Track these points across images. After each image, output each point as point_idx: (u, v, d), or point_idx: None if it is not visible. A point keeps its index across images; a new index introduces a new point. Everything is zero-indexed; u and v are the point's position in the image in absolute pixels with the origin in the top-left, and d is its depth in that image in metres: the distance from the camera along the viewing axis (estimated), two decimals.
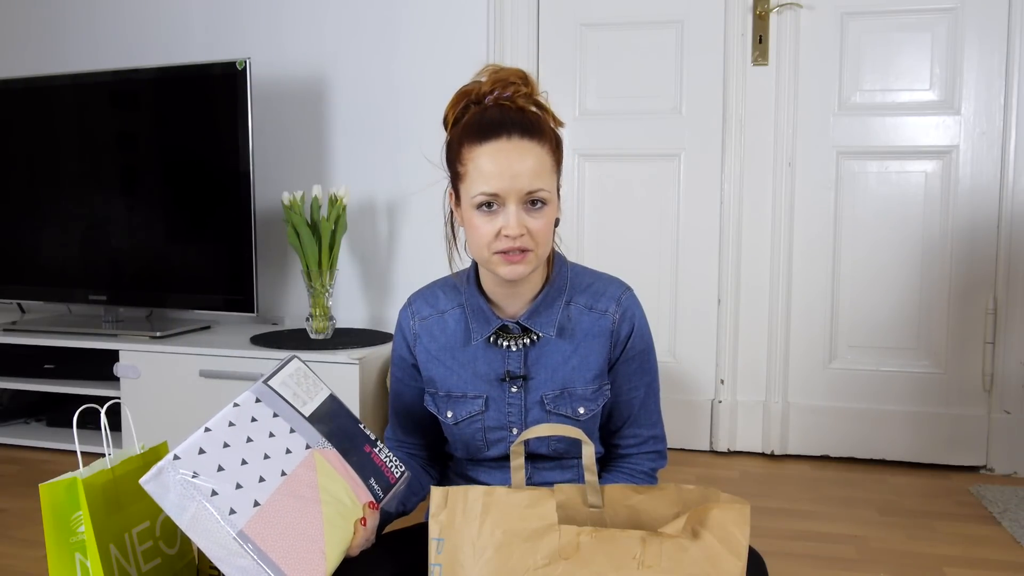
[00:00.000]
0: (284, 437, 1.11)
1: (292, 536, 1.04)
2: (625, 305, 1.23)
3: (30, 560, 1.77)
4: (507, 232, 1.11)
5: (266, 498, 1.04)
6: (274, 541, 1.02)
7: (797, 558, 1.77)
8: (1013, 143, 2.27)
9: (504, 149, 1.11)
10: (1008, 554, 1.80)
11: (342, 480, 1.12)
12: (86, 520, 1.24)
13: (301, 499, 1.07)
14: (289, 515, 1.05)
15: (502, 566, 0.99)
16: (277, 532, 1.03)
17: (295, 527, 1.05)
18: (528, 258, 1.13)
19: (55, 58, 2.94)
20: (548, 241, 1.16)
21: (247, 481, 1.04)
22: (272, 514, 1.04)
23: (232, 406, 1.10)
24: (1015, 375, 2.30)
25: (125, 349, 2.41)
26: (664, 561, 0.97)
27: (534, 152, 1.12)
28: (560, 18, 2.54)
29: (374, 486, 1.16)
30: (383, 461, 1.20)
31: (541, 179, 1.12)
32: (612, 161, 2.51)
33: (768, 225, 2.44)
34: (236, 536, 0.99)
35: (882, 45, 2.34)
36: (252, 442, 1.08)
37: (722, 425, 2.50)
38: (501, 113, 1.15)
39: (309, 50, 2.72)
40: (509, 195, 1.11)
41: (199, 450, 1.03)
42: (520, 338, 1.23)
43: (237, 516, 1.00)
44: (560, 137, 1.19)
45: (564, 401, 1.22)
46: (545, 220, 1.13)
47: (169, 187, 2.59)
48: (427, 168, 2.59)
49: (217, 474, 1.02)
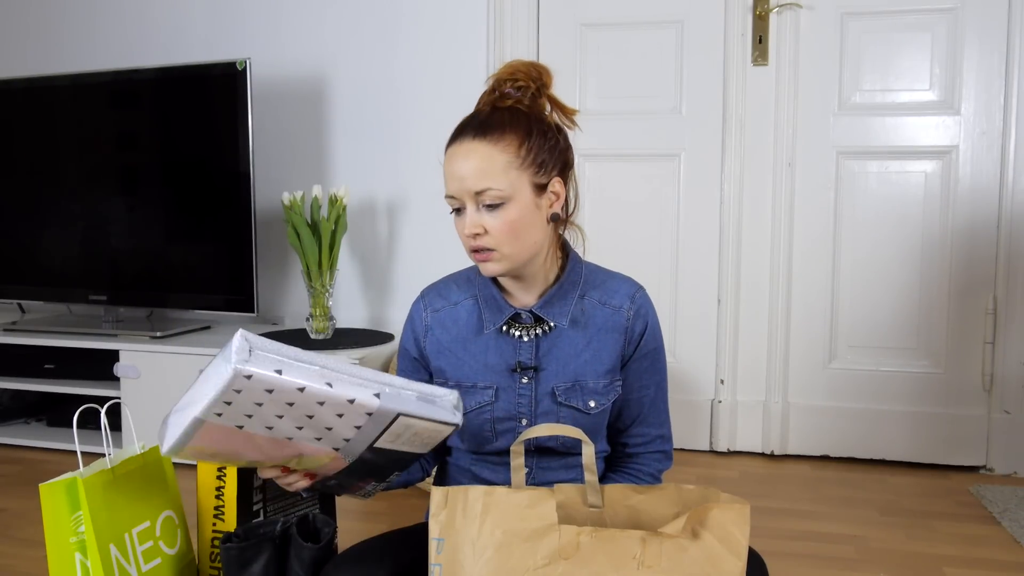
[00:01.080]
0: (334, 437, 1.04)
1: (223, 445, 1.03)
2: (639, 303, 1.24)
3: (30, 560, 1.77)
4: (464, 232, 1.15)
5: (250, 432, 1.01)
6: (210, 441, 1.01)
7: (797, 558, 1.77)
8: (1013, 143, 2.27)
9: (457, 152, 1.15)
10: (1008, 554, 1.80)
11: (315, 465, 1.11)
12: (86, 520, 1.24)
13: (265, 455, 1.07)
14: (241, 443, 1.03)
15: (502, 566, 0.99)
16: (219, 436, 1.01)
17: (233, 445, 1.03)
18: (494, 256, 1.15)
19: (55, 58, 2.93)
20: (517, 239, 1.15)
21: (258, 419, 0.99)
22: (233, 434, 1.01)
23: (348, 400, 0.99)
24: (1015, 375, 2.30)
25: (125, 349, 2.41)
26: (664, 561, 0.97)
27: (480, 152, 1.13)
28: (560, 18, 2.54)
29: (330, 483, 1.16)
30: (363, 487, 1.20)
31: (488, 179, 1.12)
32: (612, 161, 2.51)
33: (768, 225, 2.44)
34: (199, 416, 0.96)
35: (882, 45, 2.34)
36: (310, 419, 1.01)
37: (722, 425, 2.50)
38: (474, 116, 1.18)
39: (309, 50, 2.72)
40: (463, 196, 1.14)
41: (269, 389, 0.96)
42: (532, 328, 1.23)
43: (216, 418, 0.97)
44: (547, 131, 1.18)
45: (576, 394, 1.21)
46: (503, 219, 1.13)
47: (169, 187, 2.59)
48: (428, 168, 2.61)
49: (249, 405, 0.97)
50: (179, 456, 1.05)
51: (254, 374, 0.94)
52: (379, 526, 1.31)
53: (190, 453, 1.05)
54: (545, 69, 1.21)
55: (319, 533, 1.30)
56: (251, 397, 0.96)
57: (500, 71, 1.20)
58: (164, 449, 1.03)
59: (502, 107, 1.17)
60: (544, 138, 1.17)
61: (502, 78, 1.19)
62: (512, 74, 1.19)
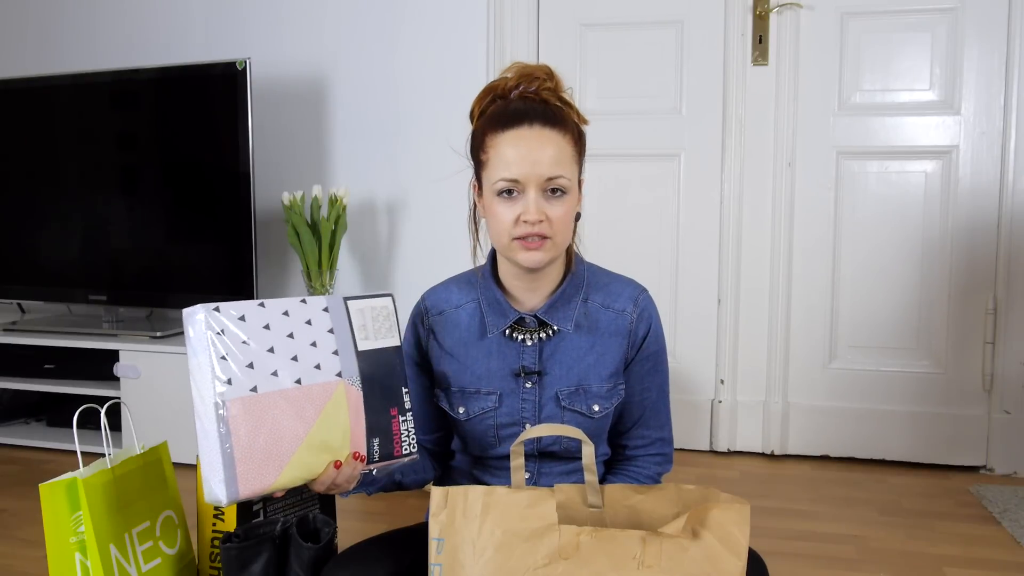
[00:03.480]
0: (323, 353, 1.11)
1: (264, 437, 1.04)
2: (642, 306, 1.24)
3: (30, 560, 1.77)
4: (526, 218, 1.13)
5: (266, 391, 1.05)
6: (245, 431, 1.03)
7: (797, 558, 1.77)
8: (1013, 143, 2.27)
9: (525, 136, 1.13)
10: (1008, 554, 1.80)
11: (347, 421, 1.11)
12: (86, 520, 1.24)
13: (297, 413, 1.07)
14: (275, 419, 1.05)
15: (502, 566, 0.99)
16: (253, 425, 1.04)
17: (272, 432, 1.05)
18: (546, 246, 1.14)
19: (55, 58, 2.93)
20: (567, 231, 1.17)
21: (261, 367, 1.06)
22: (261, 407, 1.04)
23: (300, 300, 1.12)
24: (1015, 375, 2.30)
25: (125, 349, 2.41)
26: (664, 561, 0.97)
27: (555, 140, 1.14)
28: (560, 18, 2.54)
29: (374, 446, 1.14)
30: (399, 431, 1.17)
31: (561, 167, 1.14)
32: (612, 161, 2.51)
33: (768, 225, 2.43)
34: (217, 401, 1.02)
35: (882, 45, 2.34)
36: (292, 339, 1.09)
37: (722, 425, 2.50)
38: (524, 104, 1.17)
39: (309, 50, 2.72)
40: (529, 181, 1.13)
41: (241, 316, 1.06)
42: (536, 332, 1.23)
43: (231, 388, 1.03)
44: (583, 132, 1.21)
45: (580, 398, 1.21)
46: (565, 209, 1.15)
47: (169, 187, 2.59)
48: (428, 168, 2.61)
49: (240, 345, 1.05)
50: (245, 495, 1.03)
51: (219, 306, 1.05)
52: (379, 526, 1.31)
53: (249, 485, 1.03)
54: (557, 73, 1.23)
55: (319, 533, 1.29)
56: (233, 338, 1.05)
57: (522, 68, 1.20)
58: (223, 493, 1.02)
59: (547, 100, 1.18)
60: (583, 137, 1.21)
61: (527, 75, 1.19)
62: (534, 72, 1.20)
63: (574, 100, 1.24)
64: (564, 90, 1.22)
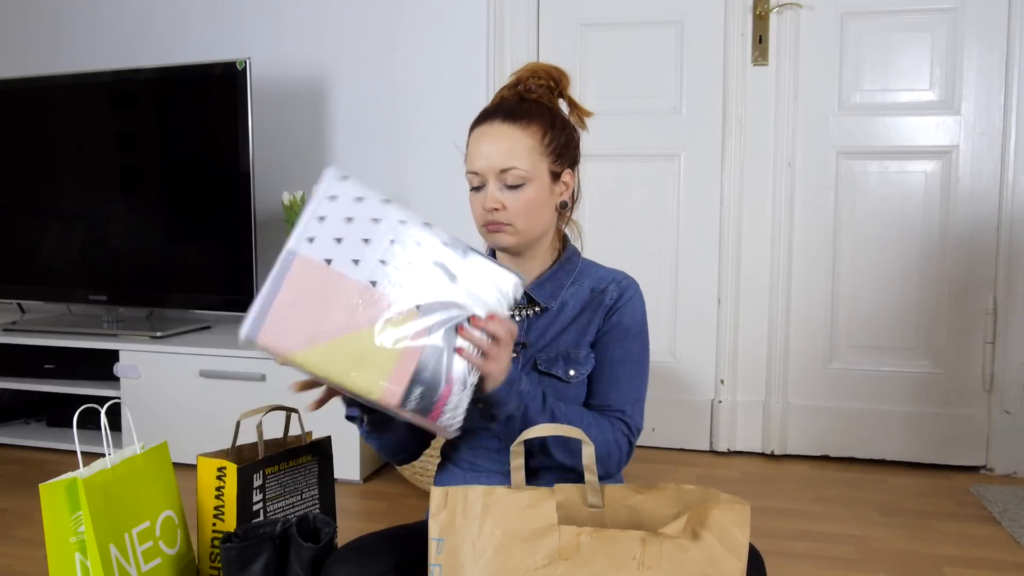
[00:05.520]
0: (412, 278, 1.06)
1: (309, 307, 1.03)
2: (624, 287, 1.29)
3: (30, 560, 1.77)
4: (484, 205, 1.22)
5: (337, 269, 1.04)
6: (296, 291, 1.04)
7: (797, 558, 1.77)
8: (1013, 143, 2.27)
9: (485, 132, 1.23)
10: (1008, 554, 1.80)
11: (396, 353, 1.03)
12: (86, 520, 1.24)
13: (351, 310, 1.03)
14: (329, 299, 1.03)
15: (502, 566, 0.99)
16: (305, 291, 1.04)
17: (319, 308, 1.03)
18: (507, 230, 1.22)
19: (55, 58, 2.93)
20: (531, 218, 1.23)
21: (347, 247, 1.06)
22: (322, 281, 1.04)
23: (424, 223, 1.08)
24: (1015, 375, 2.30)
25: (125, 349, 2.41)
26: (664, 562, 0.97)
27: (511, 135, 1.22)
28: (560, 18, 2.54)
29: (414, 393, 1.03)
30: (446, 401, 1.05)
31: (513, 159, 1.21)
32: (612, 161, 2.51)
33: (768, 225, 2.44)
34: (292, 249, 1.06)
35: (882, 45, 2.34)
36: (392, 245, 1.06)
37: (722, 425, 2.50)
38: (499, 102, 1.27)
39: (309, 50, 2.72)
40: (486, 173, 1.22)
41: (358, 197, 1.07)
42: (525, 309, 1.28)
43: (309, 247, 1.06)
44: (565, 125, 1.27)
45: (556, 364, 1.26)
46: (523, 198, 1.22)
47: (169, 187, 2.59)
48: (428, 168, 2.60)
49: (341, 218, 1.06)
50: (262, 343, 1.02)
51: (349, 176, 1.08)
52: (379, 526, 1.31)
53: (271, 335, 1.02)
54: (565, 73, 1.30)
55: (319, 533, 1.30)
56: (343, 210, 1.06)
57: (523, 69, 1.29)
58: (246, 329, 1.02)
59: (529, 99, 1.27)
60: (563, 132, 1.27)
61: (525, 75, 1.28)
62: (535, 72, 1.28)
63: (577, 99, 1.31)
64: (567, 88, 1.30)
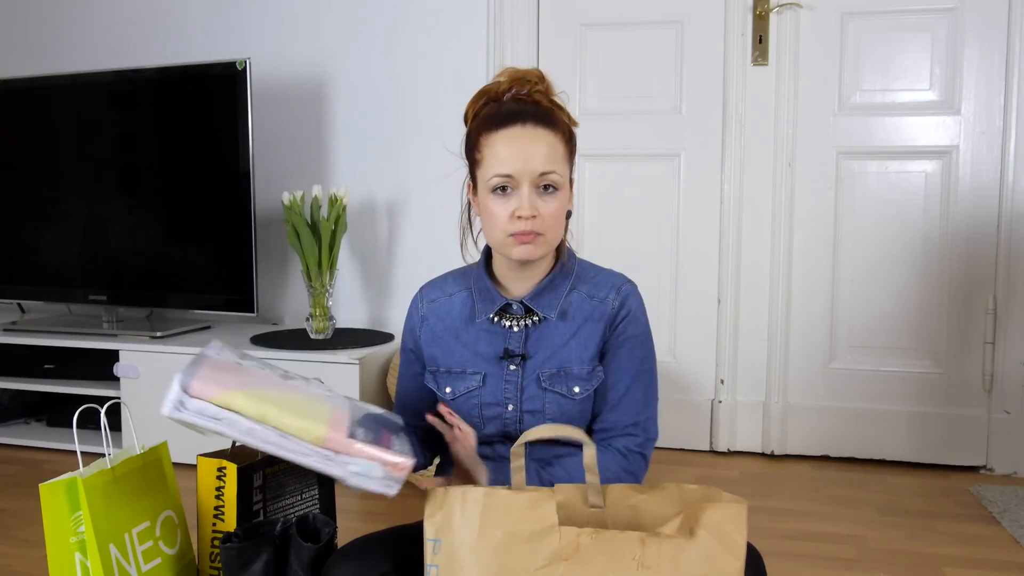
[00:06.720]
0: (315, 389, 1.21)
1: (241, 372, 1.14)
2: (624, 293, 1.27)
3: (30, 560, 1.77)
4: (520, 213, 1.17)
5: (251, 367, 1.19)
6: (225, 362, 1.16)
7: (797, 558, 1.77)
8: (1013, 143, 2.27)
9: (519, 135, 1.18)
10: (1008, 554, 1.80)
11: (328, 408, 1.15)
12: (86, 520, 1.24)
13: (277, 380, 1.18)
14: (255, 373, 1.16)
15: (502, 567, 0.99)
16: (234, 365, 1.16)
17: (249, 373, 1.15)
18: (539, 241, 1.19)
19: (55, 58, 2.93)
20: (559, 227, 1.22)
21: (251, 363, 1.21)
22: (246, 368, 1.17)
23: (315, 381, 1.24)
24: (1015, 375, 2.30)
25: (125, 349, 2.41)
26: (663, 562, 0.97)
27: (547, 138, 1.19)
28: (560, 18, 2.54)
29: (359, 433, 1.11)
30: (390, 441, 1.15)
31: (553, 163, 1.18)
32: (612, 161, 2.51)
33: (768, 225, 2.43)
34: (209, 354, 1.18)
35: (882, 45, 2.34)
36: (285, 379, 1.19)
37: (722, 425, 2.50)
38: (518, 105, 1.23)
39: (309, 50, 2.72)
40: (522, 177, 1.17)
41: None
42: (522, 319, 1.27)
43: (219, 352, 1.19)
44: (573, 133, 1.26)
45: (560, 380, 1.24)
46: (556, 205, 1.19)
47: (169, 187, 2.59)
48: (427, 168, 2.60)
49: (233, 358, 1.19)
50: (196, 389, 1.12)
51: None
52: (379, 526, 1.31)
53: (205, 382, 1.12)
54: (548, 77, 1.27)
55: (319, 533, 1.29)
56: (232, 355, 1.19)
57: (512, 72, 1.25)
58: (179, 381, 1.13)
59: (539, 102, 1.23)
60: (574, 137, 1.26)
61: (515, 80, 1.24)
62: (525, 76, 1.24)
63: (566, 103, 1.28)
64: (555, 93, 1.27)
